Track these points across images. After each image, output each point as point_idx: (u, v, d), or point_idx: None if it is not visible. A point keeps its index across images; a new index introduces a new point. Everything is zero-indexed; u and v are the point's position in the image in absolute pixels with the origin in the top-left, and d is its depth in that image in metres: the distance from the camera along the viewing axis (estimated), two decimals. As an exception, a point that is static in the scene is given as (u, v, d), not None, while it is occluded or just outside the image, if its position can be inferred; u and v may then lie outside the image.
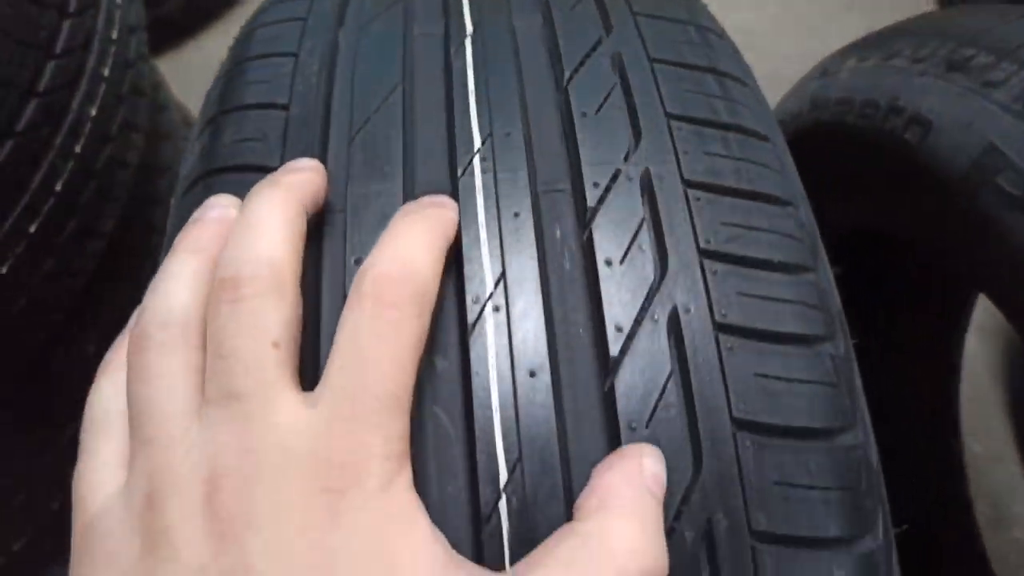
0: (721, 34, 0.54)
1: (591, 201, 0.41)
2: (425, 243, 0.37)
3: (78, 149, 0.87)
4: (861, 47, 0.84)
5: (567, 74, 0.47)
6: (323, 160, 0.44)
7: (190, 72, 2.03)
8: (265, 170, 0.44)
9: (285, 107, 0.47)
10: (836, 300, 0.43)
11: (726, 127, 0.46)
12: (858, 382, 0.42)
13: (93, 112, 0.86)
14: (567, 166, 0.43)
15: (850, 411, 0.40)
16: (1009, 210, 0.58)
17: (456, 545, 0.34)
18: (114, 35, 0.93)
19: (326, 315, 0.39)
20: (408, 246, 0.36)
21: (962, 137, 0.63)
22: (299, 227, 0.38)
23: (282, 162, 0.44)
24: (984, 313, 1.22)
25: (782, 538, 0.36)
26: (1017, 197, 0.57)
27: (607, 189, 0.42)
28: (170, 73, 2.01)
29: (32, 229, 0.86)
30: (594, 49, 0.48)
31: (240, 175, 0.44)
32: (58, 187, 0.87)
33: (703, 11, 0.56)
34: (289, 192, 0.38)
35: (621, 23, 0.50)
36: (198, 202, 0.44)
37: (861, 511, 0.38)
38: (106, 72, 0.91)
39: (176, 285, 0.35)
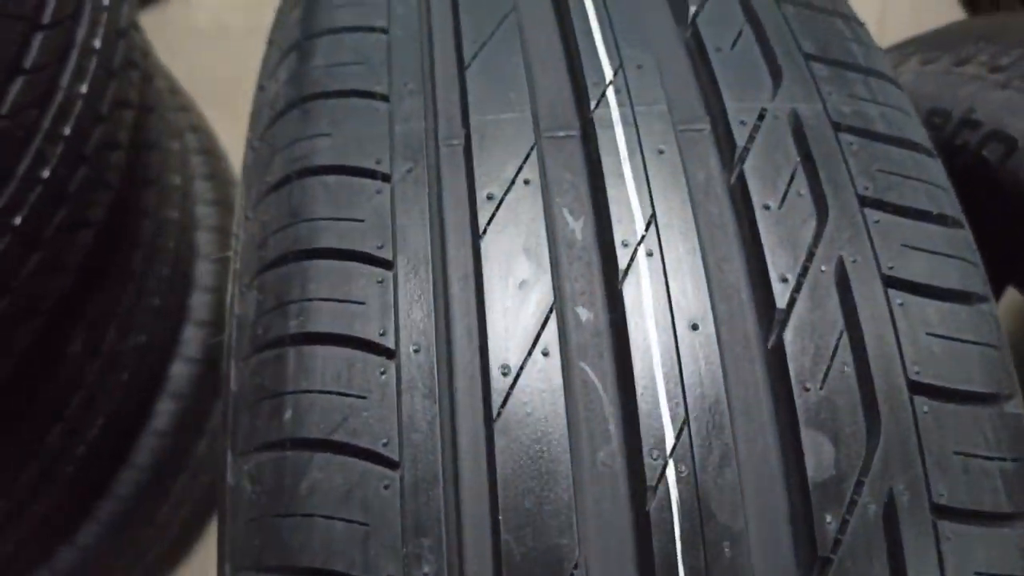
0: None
1: (740, 141, 0.37)
2: None
3: (67, 131, 0.77)
4: (924, 47, 0.79)
5: (692, 8, 0.43)
6: (432, 85, 0.40)
7: (171, 29, 1.93)
8: (370, 95, 0.39)
9: (385, 30, 0.42)
10: (979, 259, 0.41)
11: (865, 71, 0.42)
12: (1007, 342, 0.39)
13: (84, 89, 0.77)
14: (705, 105, 0.40)
15: (1011, 376, 0.37)
16: None
17: (612, 520, 0.30)
18: (105, 1, 0.84)
19: (452, 258, 0.35)
20: None
21: None
22: None
23: (390, 86, 0.39)
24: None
25: (965, 513, 0.32)
26: None
27: (755, 129, 0.38)
28: (153, 30, 1.91)
29: (17, 222, 0.77)
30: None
31: (342, 100, 0.39)
32: (46, 174, 0.78)
33: None
34: None
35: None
36: (293, 129, 0.39)
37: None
38: (97, 43, 0.79)
39: None
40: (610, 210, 0.35)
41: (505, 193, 0.35)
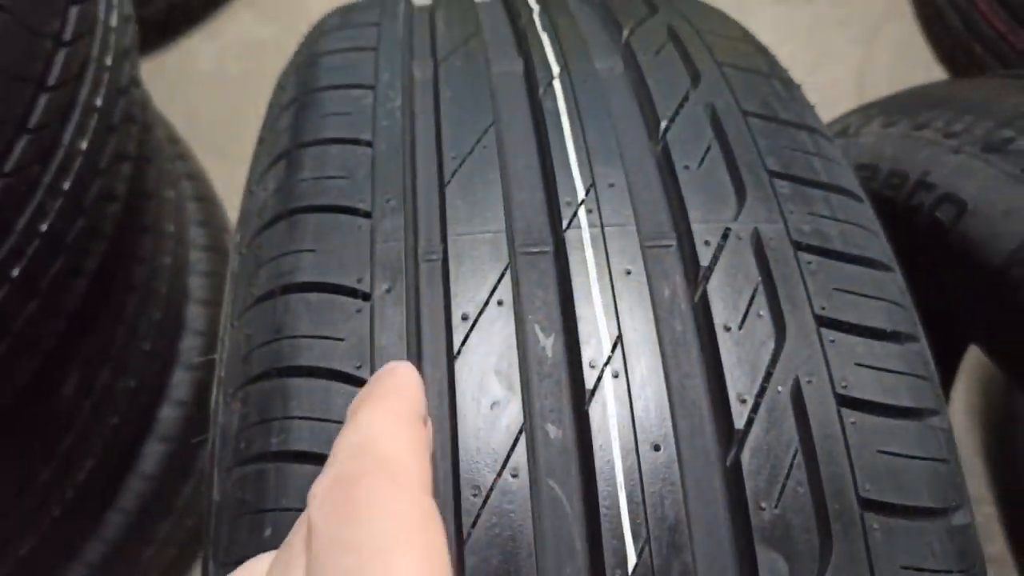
0: (799, 87, 0.53)
1: (704, 260, 0.40)
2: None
3: (67, 186, 0.80)
4: (886, 109, 0.82)
5: (663, 123, 0.45)
6: (414, 202, 0.42)
7: (173, 77, 1.95)
8: (352, 211, 0.41)
9: (369, 143, 0.44)
10: (935, 371, 0.43)
11: (827, 187, 0.44)
12: (958, 456, 0.41)
13: (84, 146, 0.78)
14: (672, 221, 0.42)
15: (961, 488, 0.39)
16: None
17: None
18: (108, 61, 0.83)
19: (428, 377, 0.37)
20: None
21: (1000, 225, 0.61)
22: None
23: (372, 202, 0.41)
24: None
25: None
26: None
27: (719, 248, 0.40)
28: (152, 76, 1.93)
29: (15, 273, 0.79)
30: (686, 99, 0.47)
31: (327, 215, 0.41)
32: (44, 227, 0.80)
33: (778, 63, 0.55)
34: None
35: (708, 72, 0.49)
36: (279, 242, 0.41)
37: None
38: (99, 102, 0.82)
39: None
40: (578, 330, 0.37)
41: (479, 314, 0.37)
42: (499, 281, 0.38)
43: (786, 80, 0.52)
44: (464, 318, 0.37)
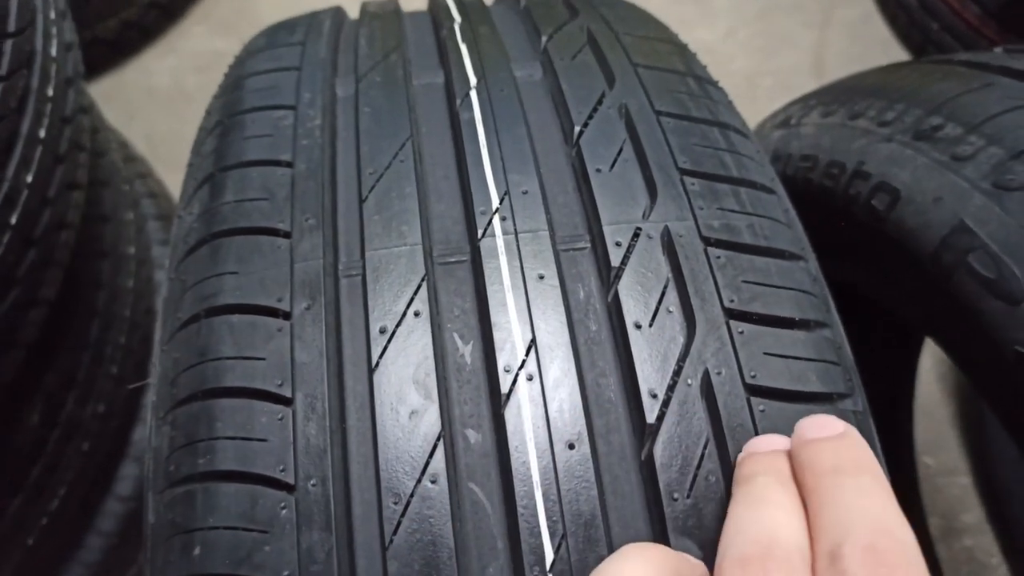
0: (716, 84, 0.55)
1: (615, 261, 0.41)
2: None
3: (14, 219, 0.79)
4: (825, 99, 0.82)
5: (577, 128, 0.47)
6: (333, 219, 0.43)
7: (131, 92, 1.95)
8: (273, 232, 0.42)
9: (290, 164, 0.45)
10: (849, 354, 0.44)
11: (737, 182, 0.46)
12: (875, 436, 0.43)
13: (29, 179, 0.78)
14: (586, 224, 0.43)
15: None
16: (980, 291, 0.57)
17: None
18: (50, 92, 0.82)
19: (349, 391, 0.38)
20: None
21: (932, 212, 0.61)
22: None
23: (292, 222, 0.42)
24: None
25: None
26: (988, 279, 0.55)
27: (630, 248, 0.41)
28: (110, 94, 1.91)
29: None
30: (600, 102, 0.48)
31: (248, 238, 0.42)
32: None
33: (696, 61, 0.57)
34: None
35: (623, 74, 0.50)
36: (202, 266, 0.42)
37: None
38: (42, 133, 0.81)
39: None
40: (494, 337, 0.38)
41: (396, 326, 0.38)
42: (415, 293, 0.39)
43: (701, 77, 0.53)
44: (382, 331, 0.38)
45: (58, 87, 0.85)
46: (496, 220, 0.42)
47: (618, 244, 0.41)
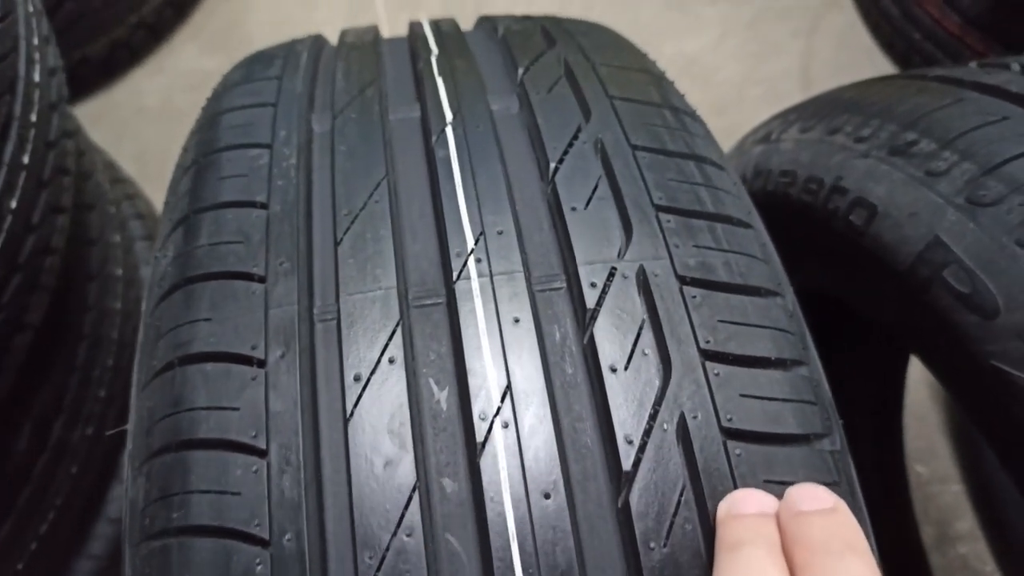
0: (693, 115, 0.55)
1: (590, 302, 0.41)
2: None
3: None
4: (804, 115, 0.83)
5: (552, 165, 0.46)
6: (308, 262, 0.43)
7: (121, 112, 1.94)
8: (247, 276, 0.42)
9: (264, 205, 0.45)
10: (827, 391, 0.44)
11: (712, 217, 0.46)
12: (854, 474, 0.43)
13: (13, 204, 0.76)
14: (562, 264, 0.43)
15: (851, 506, 0.40)
16: (956, 305, 0.57)
17: None
18: (33, 117, 0.82)
19: (324, 441, 0.37)
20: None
21: (908, 227, 0.62)
22: None
23: (266, 267, 0.42)
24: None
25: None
26: (963, 294, 0.56)
27: (605, 289, 0.41)
28: (100, 114, 1.91)
29: None
30: (576, 136, 0.48)
31: (222, 283, 0.42)
32: None
33: (674, 91, 0.57)
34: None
35: (599, 107, 0.50)
36: (176, 312, 0.42)
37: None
38: (26, 159, 0.81)
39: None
40: (469, 383, 0.38)
41: (371, 374, 0.38)
42: (390, 338, 0.39)
43: (678, 108, 0.53)
44: (356, 379, 0.38)
45: (42, 112, 0.85)
46: (471, 262, 0.42)
47: (593, 285, 0.41)
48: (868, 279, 0.69)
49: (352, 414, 0.37)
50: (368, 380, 0.38)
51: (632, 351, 0.39)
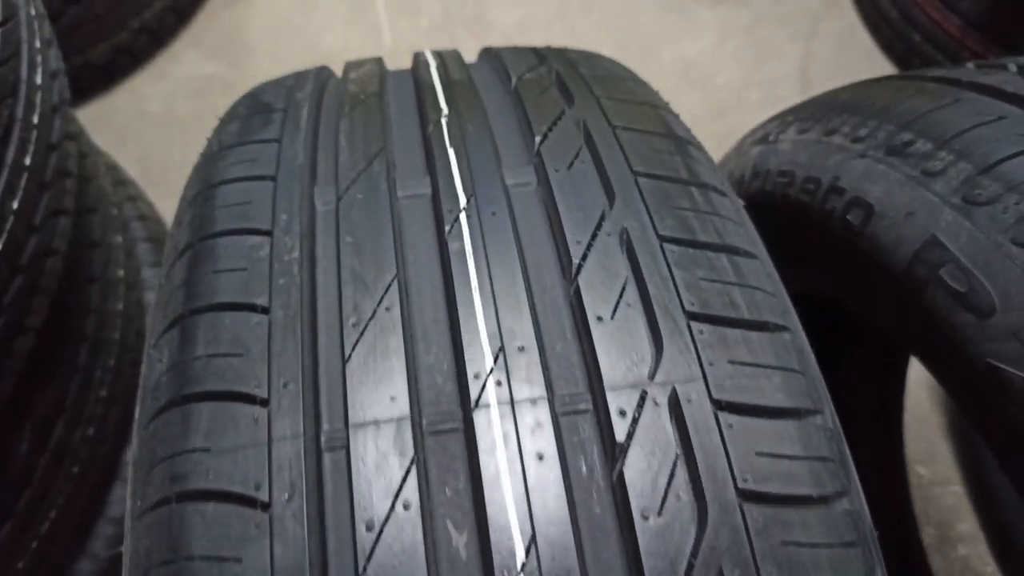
0: (722, 191, 0.51)
1: (620, 435, 0.38)
2: None
3: (0, 247, 0.78)
4: (802, 116, 0.82)
5: (575, 262, 0.43)
6: (314, 382, 0.39)
7: (123, 116, 1.94)
8: (248, 399, 0.39)
9: (265, 309, 0.41)
10: (869, 523, 0.41)
11: (747, 325, 0.42)
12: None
13: (15, 205, 0.77)
14: (587, 382, 0.40)
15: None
16: (952, 304, 0.57)
17: None
18: (35, 119, 0.82)
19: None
20: None
21: (905, 227, 0.62)
22: None
23: (269, 387, 0.39)
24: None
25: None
26: (960, 292, 0.56)
27: (635, 420, 0.38)
28: (102, 118, 1.91)
29: None
30: (599, 226, 0.44)
31: (221, 404, 0.39)
32: None
33: (699, 157, 0.52)
34: None
35: (623, 187, 0.46)
36: (174, 434, 0.39)
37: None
38: (28, 161, 0.81)
39: None
40: (490, 532, 0.35)
41: (384, 523, 0.35)
42: (404, 479, 0.36)
43: (706, 185, 0.49)
44: (369, 528, 0.35)
45: (44, 115, 0.85)
46: (491, 385, 0.39)
47: (623, 413, 0.38)
48: (865, 279, 0.69)
49: (364, 570, 0.34)
50: (381, 530, 0.35)
51: (666, 493, 0.36)
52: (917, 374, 1.43)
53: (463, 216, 0.45)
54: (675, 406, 0.39)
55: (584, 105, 0.52)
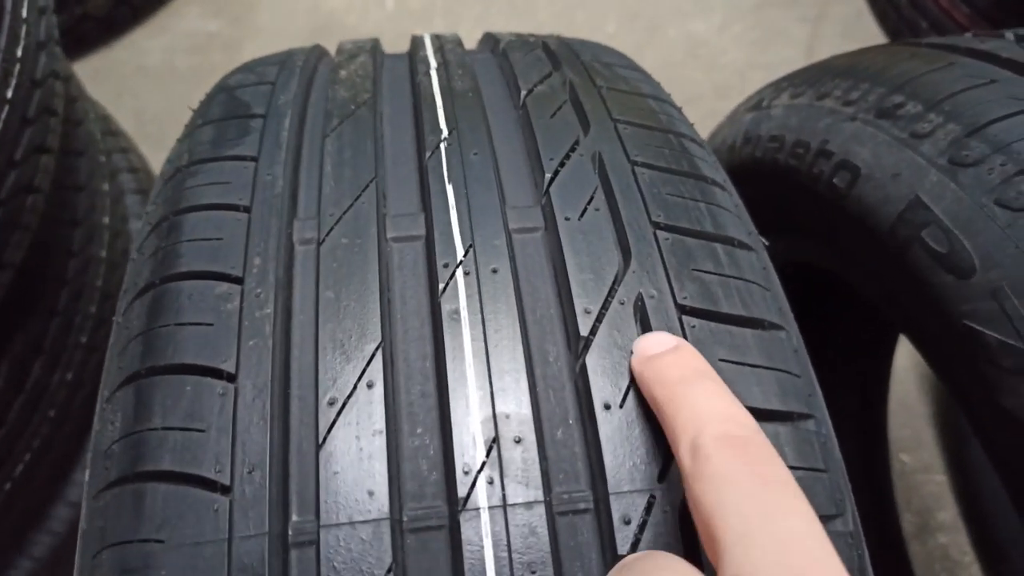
0: (753, 246, 0.46)
1: (621, 546, 0.34)
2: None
3: None
4: (796, 81, 0.80)
5: (584, 335, 0.38)
6: (284, 470, 0.35)
7: (121, 70, 1.92)
8: (208, 484, 0.35)
9: (232, 377, 0.37)
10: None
11: (772, 415, 0.38)
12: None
13: None
14: (590, 481, 0.36)
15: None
16: (932, 265, 0.57)
17: None
18: (19, 53, 0.82)
19: None
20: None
21: (890, 188, 0.61)
22: None
23: (232, 474, 0.35)
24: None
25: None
26: (940, 253, 0.55)
27: (642, 524, 0.35)
28: (100, 71, 1.88)
29: None
30: (611, 293, 0.40)
31: (175, 488, 0.35)
32: None
33: (729, 214, 0.47)
34: None
35: (640, 248, 0.42)
36: (123, 518, 0.35)
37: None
38: (9, 94, 0.80)
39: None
40: None
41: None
42: (380, 595, 0.33)
43: (730, 240, 0.44)
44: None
45: (28, 49, 0.84)
46: (482, 483, 0.35)
47: (627, 521, 0.35)
48: (852, 245, 0.69)
49: None
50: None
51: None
52: (904, 361, 1.42)
53: (459, 273, 0.40)
54: (685, 516, 0.35)
55: (601, 133, 0.47)
